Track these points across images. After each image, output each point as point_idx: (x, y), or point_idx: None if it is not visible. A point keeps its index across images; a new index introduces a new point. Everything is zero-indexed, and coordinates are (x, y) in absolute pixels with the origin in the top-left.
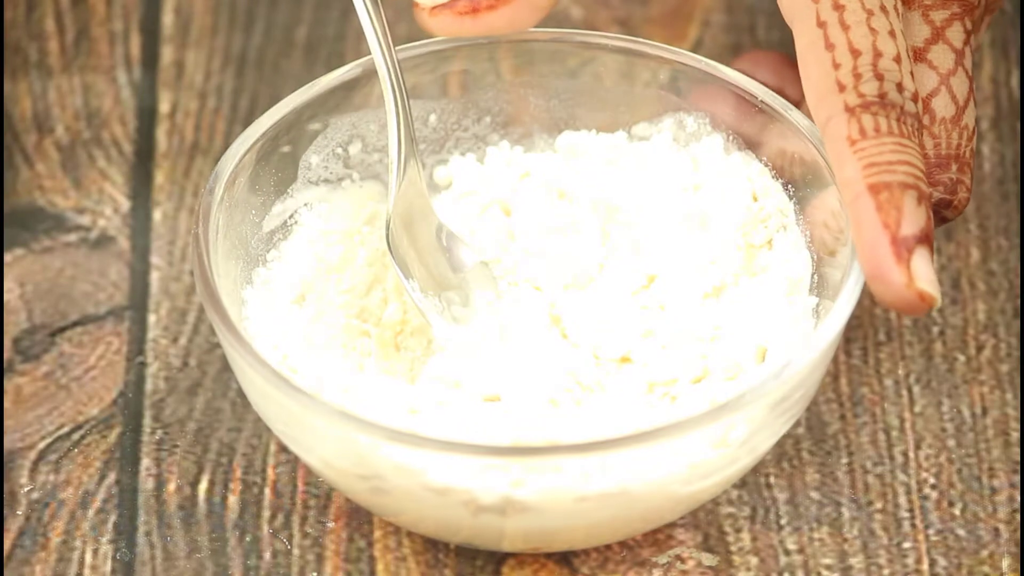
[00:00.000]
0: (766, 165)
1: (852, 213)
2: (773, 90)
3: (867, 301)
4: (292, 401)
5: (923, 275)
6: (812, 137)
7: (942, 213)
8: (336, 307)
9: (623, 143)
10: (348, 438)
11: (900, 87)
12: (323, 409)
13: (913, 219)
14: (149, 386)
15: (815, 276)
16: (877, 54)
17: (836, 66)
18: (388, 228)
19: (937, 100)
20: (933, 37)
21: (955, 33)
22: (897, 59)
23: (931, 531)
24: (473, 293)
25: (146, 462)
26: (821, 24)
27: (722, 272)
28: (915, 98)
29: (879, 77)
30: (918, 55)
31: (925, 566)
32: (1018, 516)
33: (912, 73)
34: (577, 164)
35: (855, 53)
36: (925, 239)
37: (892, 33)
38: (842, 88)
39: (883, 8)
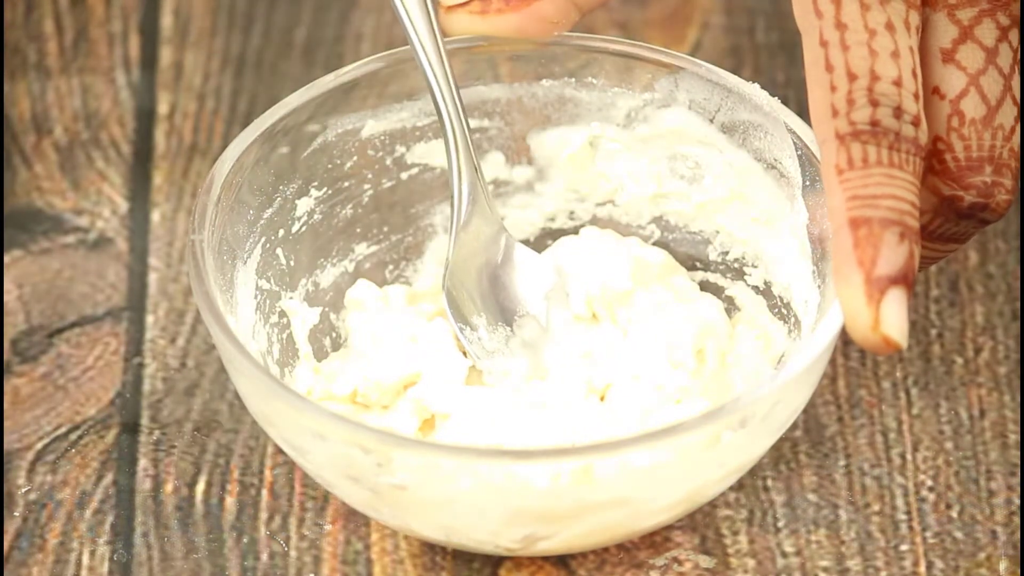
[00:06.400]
0: (769, 170)
1: (833, 244)
2: None
3: None
4: (286, 405)
5: (891, 320)
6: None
7: (980, 216)
8: None
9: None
10: (343, 443)
11: (898, 111)
12: (318, 413)
13: (890, 258)
14: (147, 387)
15: (815, 278)
16: (874, 78)
17: (833, 89)
18: (445, 275)
19: (966, 101)
20: (961, 37)
21: (985, 31)
22: (897, 82)
23: (928, 533)
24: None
25: (143, 463)
26: (823, 43)
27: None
28: (916, 122)
29: (874, 103)
30: (947, 56)
31: (922, 568)
32: (1016, 518)
33: (917, 95)
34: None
35: (851, 77)
36: (902, 279)
37: (895, 54)
38: (835, 114)
39: (889, 26)
